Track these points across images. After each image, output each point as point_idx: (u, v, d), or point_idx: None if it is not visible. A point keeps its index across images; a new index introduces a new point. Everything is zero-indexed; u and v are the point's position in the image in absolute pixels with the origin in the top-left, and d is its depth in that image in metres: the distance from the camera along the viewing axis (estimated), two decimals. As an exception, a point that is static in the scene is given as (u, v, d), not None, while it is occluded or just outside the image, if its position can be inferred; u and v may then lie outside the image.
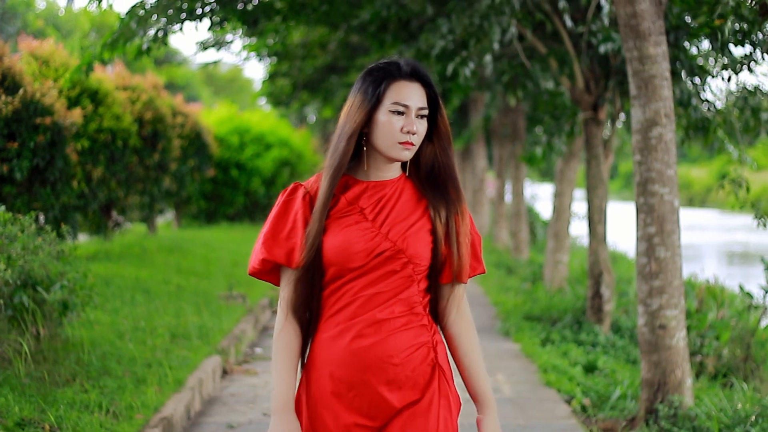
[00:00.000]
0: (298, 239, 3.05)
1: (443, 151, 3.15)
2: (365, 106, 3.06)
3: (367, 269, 3.05)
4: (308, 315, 3.14)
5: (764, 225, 7.77)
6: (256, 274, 3.16)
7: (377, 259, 3.04)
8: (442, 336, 3.20)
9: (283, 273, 3.12)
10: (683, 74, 8.59)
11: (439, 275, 3.15)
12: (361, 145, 3.12)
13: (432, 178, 3.17)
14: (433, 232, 3.11)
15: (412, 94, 3.06)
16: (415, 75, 3.09)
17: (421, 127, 3.07)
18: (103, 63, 9.56)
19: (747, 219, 8.19)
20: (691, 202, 55.73)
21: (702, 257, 24.18)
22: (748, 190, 7.84)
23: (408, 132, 3.03)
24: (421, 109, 3.07)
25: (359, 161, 3.15)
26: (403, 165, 3.20)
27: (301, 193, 3.12)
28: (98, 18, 36.37)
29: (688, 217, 40.48)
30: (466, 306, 3.23)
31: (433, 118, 3.13)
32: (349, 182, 3.14)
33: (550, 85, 11.49)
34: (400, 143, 3.04)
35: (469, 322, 3.22)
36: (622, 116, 10.71)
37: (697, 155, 55.40)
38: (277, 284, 3.16)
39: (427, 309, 3.15)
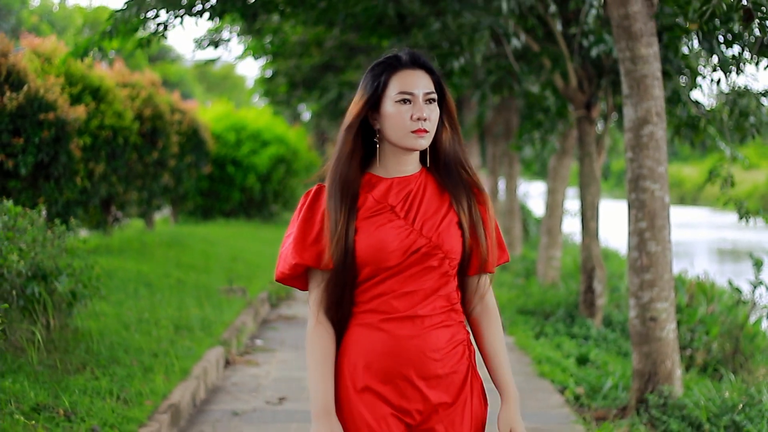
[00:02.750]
0: (327, 241, 3.02)
1: (456, 135, 3.14)
2: (364, 98, 3.04)
3: (402, 267, 3.01)
4: (340, 312, 3.09)
5: (747, 221, 7.98)
6: (285, 279, 3.12)
7: (413, 257, 3.01)
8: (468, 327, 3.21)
9: (313, 275, 3.09)
10: (672, 73, 8.78)
11: (467, 267, 3.13)
12: (374, 142, 3.10)
13: (448, 167, 3.13)
14: (460, 224, 3.08)
15: (416, 81, 3.02)
16: (416, 62, 3.06)
17: (433, 113, 3.04)
18: (101, 51, 9.59)
19: (737, 216, 8.38)
20: (682, 200, 55.92)
21: (693, 254, 24.41)
22: (733, 184, 8.06)
23: (418, 119, 2.99)
24: (428, 93, 3.03)
25: (379, 159, 3.11)
26: (422, 158, 3.15)
27: (326, 194, 3.08)
28: (91, 14, 36.54)
29: (679, 214, 40.68)
30: (491, 296, 3.23)
31: (440, 104, 3.10)
32: (372, 180, 3.10)
33: (535, 88, 11.70)
34: (413, 132, 3.00)
35: (494, 312, 3.22)
36: (615, 115, 10.90)
37: (688, 154, 55.63)
38: (304, 289, 3.13)
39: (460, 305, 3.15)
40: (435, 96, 3.05)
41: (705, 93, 9.42)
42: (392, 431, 3.03)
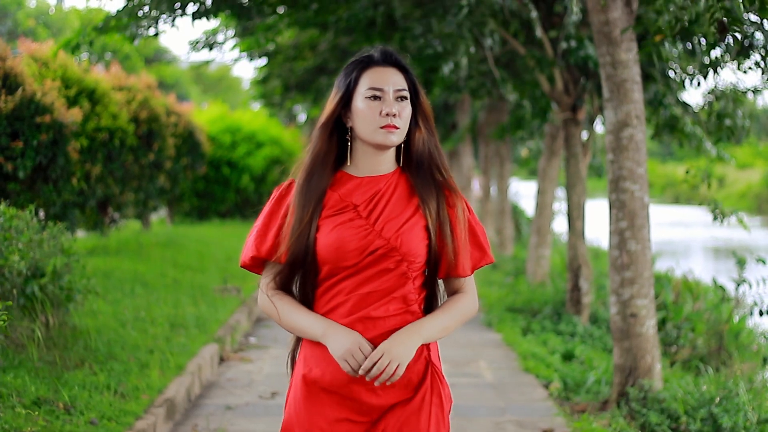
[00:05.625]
0: (286, 236, 3.04)
1: (431, 136, 3.12)
2: (337, 96, 3.05)
3: (360, 267, 3.00)
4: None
5: (721, 221, 8.18)
6: (247, 267, 3.17)
7: (370, 257, 2.99)
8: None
9: (267, 265, 3.13)
10: (656, 77, 8.98)
11: (436, 270, 3.10)
12: (346, 140, 3.10)
13: (421, 167, 3.11)
14: (427, 227, 3.05)
15: (387, 78, 3.02)
16: (388, 60, 3.07)
17: (404, 110, 3.03)
18: (91, 45, 9.64)
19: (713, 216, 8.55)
20: (677, 200, 56.10)
21: (686, 253, 24.62)
22: (709, 186, 8.28)
23: (387, 114, 2.98)
24: (399, 90, 3.03)
25: (351, 157, 3.12)
26: (398, 158, 3.15)
27: (294, 190, 3.09)
28: (87, 16, 36.64)
29: (674, 214, 40.90)
30: (469, 292, 3.18)
31: (414, 103, 3.10)
32: (343, 178, 3.10)
33: (512, 97, 11.90)
34: (382, 127, 2.99)
35: (461, 298, 3.15)
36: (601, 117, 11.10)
37: (683, 154, 55.70)
38: None
39: (422, 306, 3.10)
40: (406, 93, 3.05)
41: (688, 94, 9.60)
42: None
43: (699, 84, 8.12)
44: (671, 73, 9.14)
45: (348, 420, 3.04)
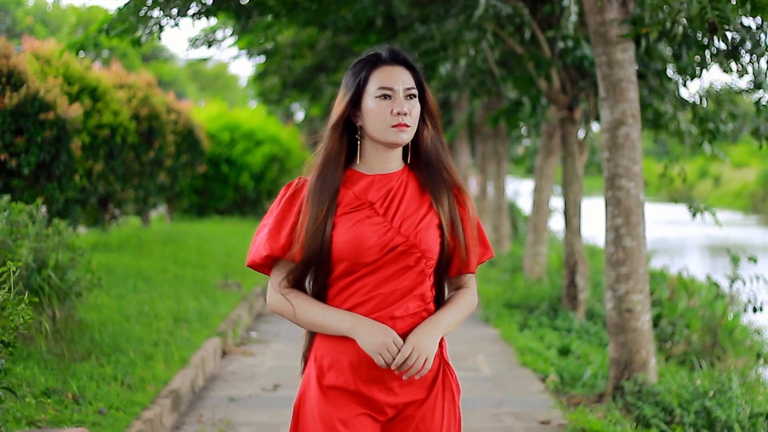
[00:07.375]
0: (301, 235, 3.02)
1: (437, 134, 3.14)
2: (347, 95, 3.05)
3: (380, 264, 3.00)
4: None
5: (694, 215, 8.34)
6: (255, 267, 3.13)
7: (390, 254, 3.00)
8: None
9: (279, 263, 3.09)
10: (649, 77, 9.11)
11: (448, 269, 3.14)
12: (356, 138, 3.11)
13: (430, 165, 3.13)
14: (440, 225, 3.08)
15: (396, 77, 3.03)
16: (396, 58, 3.07)
17: (414, 108, 3.04)
18: (96, 47, 9.75)
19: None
20: (673, 199, 56.14)
21: (682, 251, 24.75)
22: (685, 180, 8.43)
23: (398, 113, 3.00)
24: (409, 89, 3.04)
25: (360, 156, 3.12)
26: (405, 156, 3.16)
27: (308, 189, 3.08)
28: (85, 14, 36.71)
29: (670, 212, 41.01)
30: (473, 287, 3.23)
31: (421, 101, 3.10)
32: (354, 176, 3.10)
33: (513, 95, 12.02)
34: (393, 126, 3.00)
35: (467, 291, 3.21)
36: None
37: (680, 153, 55.73)
38: None
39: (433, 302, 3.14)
40: (415, 92, 3.06)
41: (683, 92, 9.71)
42: (359, 431, 3.04)
43: (685, 84, 8.26)
44: (661, 71, 9.27)
45: (367, 414, 3.06)
